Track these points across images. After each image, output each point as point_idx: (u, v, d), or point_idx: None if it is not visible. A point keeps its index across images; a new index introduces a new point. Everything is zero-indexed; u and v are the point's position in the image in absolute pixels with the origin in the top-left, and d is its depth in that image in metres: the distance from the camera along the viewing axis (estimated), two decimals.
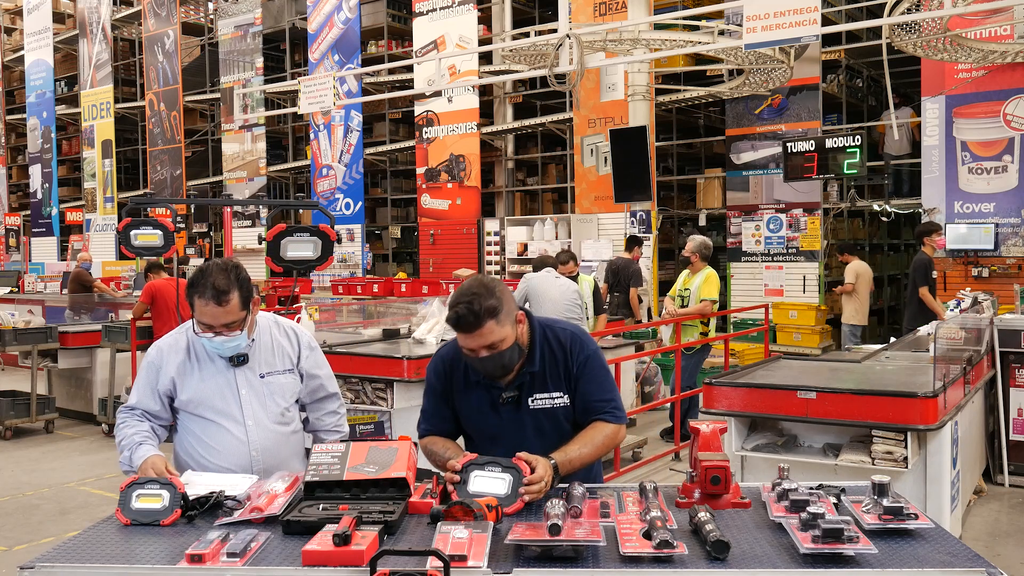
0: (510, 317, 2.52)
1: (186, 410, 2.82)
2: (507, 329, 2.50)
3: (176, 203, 18.22)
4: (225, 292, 2.65)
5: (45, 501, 6.44)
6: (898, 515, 2.03)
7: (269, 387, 2.84)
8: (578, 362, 2.62)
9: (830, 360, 6.62)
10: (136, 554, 2.03)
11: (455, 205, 14.47)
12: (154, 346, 2.87)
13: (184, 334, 2.86)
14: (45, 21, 22.04)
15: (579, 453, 2.54)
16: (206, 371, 2.80)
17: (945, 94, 10.34)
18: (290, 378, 2.89)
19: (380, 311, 10.22)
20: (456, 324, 2.49)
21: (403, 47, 16.15)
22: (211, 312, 2.64)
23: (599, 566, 1.90)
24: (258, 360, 2.83)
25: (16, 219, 23.27)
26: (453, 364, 2.70)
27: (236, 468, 2.74)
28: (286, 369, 2.88)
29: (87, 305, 12.23)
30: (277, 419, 2.85)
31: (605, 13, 12.41)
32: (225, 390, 2.79)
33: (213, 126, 19.74)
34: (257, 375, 2.83)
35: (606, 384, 2.67)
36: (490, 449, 2.52)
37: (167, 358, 2.81)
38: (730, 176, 12.62)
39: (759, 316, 10.83)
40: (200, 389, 2.78)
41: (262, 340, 2.86)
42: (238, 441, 2.77)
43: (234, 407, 2.79)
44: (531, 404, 2.61)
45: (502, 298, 2.49)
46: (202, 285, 2.64)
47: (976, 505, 5.97)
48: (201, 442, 2.80)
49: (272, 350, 2.87)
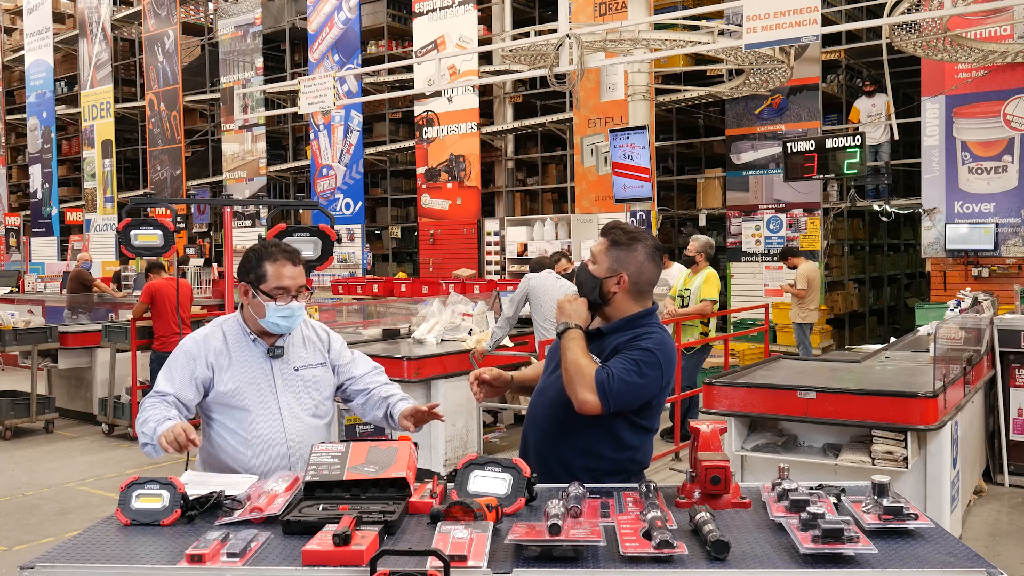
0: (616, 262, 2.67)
1: (222, 402, 2.80)
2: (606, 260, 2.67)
3: (176, 203, 18.23)
4: (297, 252, 2.82)
5: (45, 501, 6.44)
6: (898, 515, 2.03)
7: (303, 380, 2.87)
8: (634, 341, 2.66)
9: (830, 360, 6.63)
10: (136, 554, 2.02)
11: (455, 205, 14.47)
12: (190, 337, 2.87)
13: (219, 327, 2.88)
14: (45, 21, 22.04)
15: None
16: (244, 363, 2.81)
17: (945, 94, 10.34)
18: (323, 371, 2.92)
19: (380, 311, 10.23)
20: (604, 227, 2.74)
21: (403, 47, 16.15)
22: (290, 272, 2.75)
23: (599, 566, 1.90)
24: (291, 354, 2.87)
25: (16, 219, 23.27)
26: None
27: (272, 460, 2.74)
28: (318, 363, 2.92)
29: (87, 305, 12.23)
30: (311, 411, 2.87)
31: (605, 13, 12.41)
32: (262, 381, 2.81)
33: (213, 126, 19.74)
34: (291, 368, 2.86)
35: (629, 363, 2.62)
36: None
37: (205, 348, 2.81)
38: (730, 176, 12.62)
39: (759, 316, 10.83)
40: (239, 380, 2.79)
41: (294, 336, 2.89)
42: (275, 432, 2.78)
43: (271, 399, 2.80)
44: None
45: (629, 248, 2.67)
46: (273, 250, 2.77)
47: (976, 505, 5.97)
48: (236, 435, 2.79)
49: (304, 345, 2.92)
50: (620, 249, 2.65)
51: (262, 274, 2.76)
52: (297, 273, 2.78)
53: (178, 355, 2.83)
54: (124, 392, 8.67)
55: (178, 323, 8.05)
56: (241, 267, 2.84)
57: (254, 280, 2.77)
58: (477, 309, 7.68)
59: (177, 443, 2.54)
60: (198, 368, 2.79)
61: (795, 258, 10.41)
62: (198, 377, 2.79)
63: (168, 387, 2.78)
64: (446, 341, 7.19)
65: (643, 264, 2.66)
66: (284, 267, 2.75)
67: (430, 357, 6.63)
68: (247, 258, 2.82)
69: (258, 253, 2.79)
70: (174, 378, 2.79)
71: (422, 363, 6.46)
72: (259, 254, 2.78)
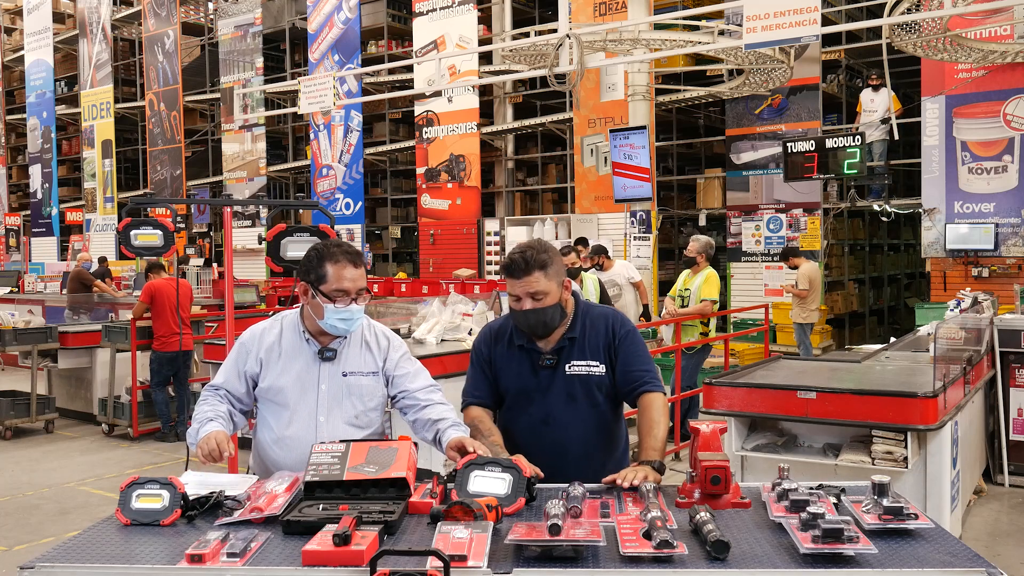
0: (558, 276, 2.74)
1: (266, 397, 2.80)
2: (552, 285, 2.72)
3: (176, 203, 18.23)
4: (359, 254, 2.79)
5: (45, 501, 6.44)
6: (898, 515, 2.03)
7: (350, 387, 2.81)
8: (619, 336, 2.80)
9: (830, 360, 6.63)
10: (136, 554, 2.02)
11: (455, 205, 14.47)
12: (248, 330, 2.88)
13: (279, 322, 2.86)
14: (45, 21, 22.05)
15: (655, 434, 2.67)
16: (292, 361, 2.79)
17: (945, 94, 10.34)
18: (373, 380, 2.84)
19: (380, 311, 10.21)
20: (508, 269, 2.74)
21: (403, 47, 16.15)
22: (351, 275, 2.72)
23: (599, 566, 1.90)
24: (344, 358, 2.82)
25: (16, 219, 23.28)
26: (500, 332, 2.90)
27: (300, 461, 2.66)
28: (370, 371, 2.85)
29: (87, 305, 12.23)
30: (351, 419, 2.80)
31: (605, 13, 12.41)
32: (306, 382, 2.78)
33: (213, 126, 19.74)
34: (340, 373, 2.81)
35: (645, 357, 2.83)
36: (525, 408, 2.79)
37: (259, 341, 2.82)
38: (730, 176, 12.62)
39: (759, 316, 10.83)
40: (283, 377, 2.77)
41: (352, 339, 2.85)
42: (307, 434, 2.74)
43: (311, 400, 2.78)
44: (567, 370, 2.78)
45: (553, 258, 2.74)
46: (335, 251, 2.73)
47: (976, 505, 5.97)
48: (272, 432, 2.78)
49: (360, 350, 2.86)
50: (553, 266, 2.74)
51: (322, 275, 2.71)
52: (358, 276, 2.74)
53: (234, 347, 2.86)
54: (124, 392, 8.66)
55: (178, 323, 8.05)
56: (302, 266, 2.80)
57: (314, 280, 2.73)
58: (477, 309, 7.67)
59: (211, 457, 2.55)
60: (248, 362, 2.80)
61: (796, 258, 10.40)
62: (246, 371, 2.80)
63: (221, 379, 2.83)
64: (446, 341, 7.18)
65: (561, 260, 2.81)
66: (345, 269, 2.71)
67: (430, 357, 6.61)
68: (308, 257, 2.77)
69: (320, 253, 2.74)
70: (226, 370, 2.83)
71: (422, 363, 6.45)
72: (320, 254, 2.74)
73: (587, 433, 2.78)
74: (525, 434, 2.80)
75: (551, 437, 2.77)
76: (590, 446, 2.78)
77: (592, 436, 2.78)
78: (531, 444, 2.73)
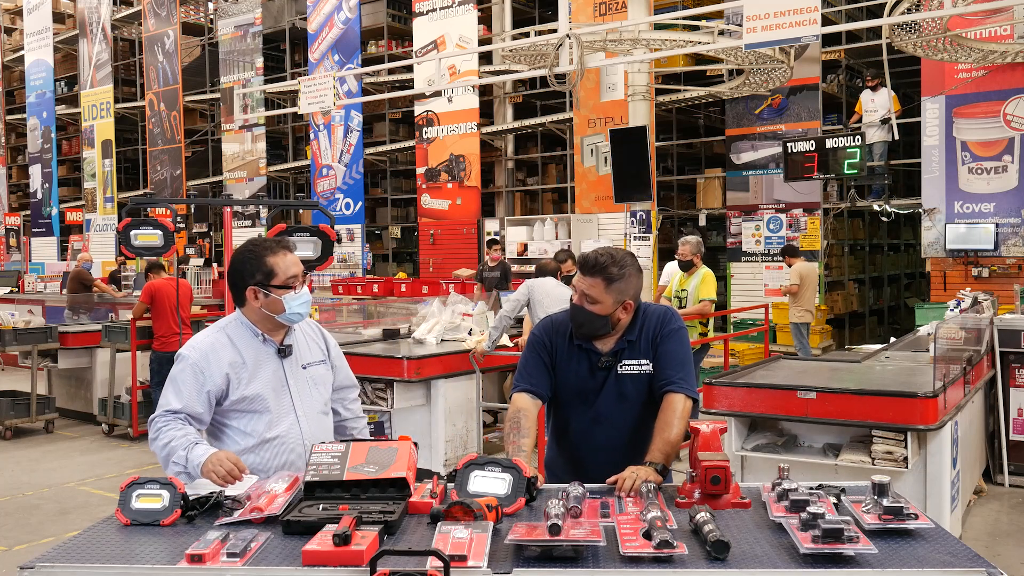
0: (618, 294, 2.76)
1: (238, 408, 2.75)
2: (608, 297, 2.75)
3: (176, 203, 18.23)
4: (286, 239, 2.90)
5: (45, 501, 6.44)
6: (898, 515, 2.03)
7: (312, 378, 2.87)
8: (664, 333, 2.83)
9: (830, 360, 6.63)
10: (136, 554, 2.02)
11: (455, 205, 14.47)
12: (190, 348, 2.77)
13: (222, 332, 2.81)
14: (45, 21, 22.04)
15: (665, 436, 2.67)
16: (259, 367, 2.77)
17: (945, 94, 10.34)
18: (325, 369, 2.93)
19: (380, 311, 10.22)
20: (580, 262, 2.84)
21: (403, 47, 16.15)
22: (292, 259, 2.79)
23: (599, 566, 1.90)
24: (298, 352, 2.87)
25: (16, 219, 23.27)
26: (561, 326, 2.93)
27: (289, 460, 2.72)
28: (320, 360, 2.93)
29: (87, 305, 12.23)
30: (321, 409, 2.88)
31: (605, 13, 12.41)
32: (277, 383, 2.79)
33: (213, 126, 19.74)
34: (299, 366, 2.85)
35: (684, 359, 2.84)
36: (579, 408, 2.84)
37: (216, 357, 2.73)
38: (730, 176, 12.62)
39: (759, 316, 10.83)
40: (254, 384, 2.75)
41: (296, 334, 2.88)
42: (293, 432, 2.77)
43: (286, 399, 2.79)
44: (620, 369, 2.83)
45: (623, 275, 2.77)
46: (268, 245, 2.80)
47: (976, 505, 5.97)
48: (252, 438, 2.74)
49: (307, 343, 2.92)
50: (619, 282, 2.76)
51: (269, 270, 2.73)
52: (296, 259, 2.82)
53: (184, 369, 2.73)
54: (124, 392, 8.67)
55: (178, 323, 8.05)
56: (239, 273, 2.76)
57: (262, 279, 2.73)
58: (477, 309, 7.67)
59: (231, 476, 2.47)
60: (208, 381, 2.70)
61: (792, 258, 10.46)
62: (210, 390, 2.70)
63: (176, 403, 2.69)
64: (446, 341, 7.19)
65: (638, 282, 2.84)
66: (286, 256, 2.78)
67: (430, 357, 6.63)
68: (243, 261, 2.76)
69: (254, 253, 2.76)
70: (182, 393, 2.70)
71: (422, 363, 6.45)
72: (256, 254, 2.75)
73: (637, 430, 2.80)
74: (578, 434, 2.87)
75: (603, 436, 2.82)
76: (641, 442, 2.76)
77: (643, 432, 2.78)
78: (582, 444, 2.85)
